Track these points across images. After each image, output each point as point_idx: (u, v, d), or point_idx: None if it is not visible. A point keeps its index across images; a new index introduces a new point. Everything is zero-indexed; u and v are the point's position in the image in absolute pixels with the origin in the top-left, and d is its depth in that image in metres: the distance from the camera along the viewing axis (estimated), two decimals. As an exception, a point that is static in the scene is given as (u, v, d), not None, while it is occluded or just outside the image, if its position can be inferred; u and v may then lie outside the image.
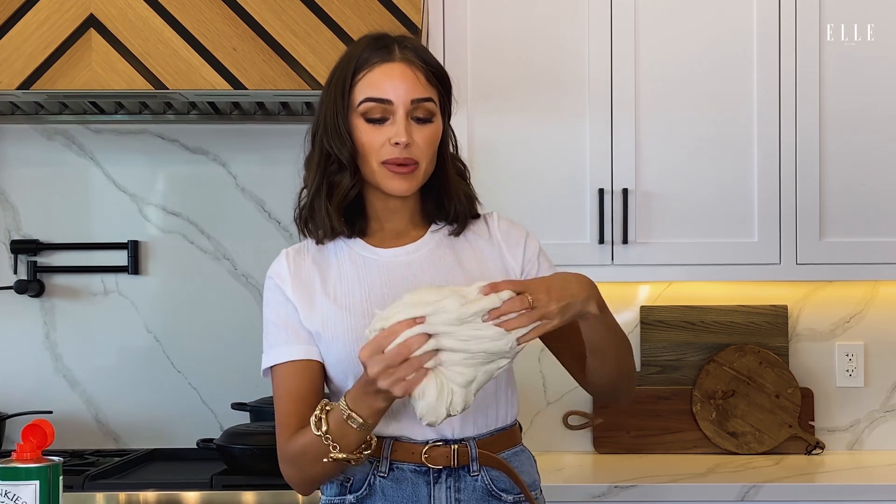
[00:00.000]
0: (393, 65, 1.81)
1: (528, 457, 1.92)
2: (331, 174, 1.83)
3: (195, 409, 3.18)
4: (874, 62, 2.97)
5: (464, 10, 2.97)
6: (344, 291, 1.83)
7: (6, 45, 2.71)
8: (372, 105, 1.79)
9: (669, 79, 2.97)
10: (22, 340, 3.19)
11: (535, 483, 1.92)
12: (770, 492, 2.72)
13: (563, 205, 2.97)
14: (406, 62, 1.81)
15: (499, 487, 1.83)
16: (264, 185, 3.19)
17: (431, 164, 1.84)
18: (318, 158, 1.84)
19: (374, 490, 1.81)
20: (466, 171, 1.93)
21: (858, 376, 3.24)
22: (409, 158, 1.79)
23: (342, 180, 1.82)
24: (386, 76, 1.80)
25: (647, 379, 3.23)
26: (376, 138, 1.79)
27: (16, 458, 1.63)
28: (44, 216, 3.20)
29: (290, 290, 1.84)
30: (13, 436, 3.06)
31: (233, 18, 2.73)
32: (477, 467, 1.81)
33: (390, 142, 1.78)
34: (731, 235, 2.97)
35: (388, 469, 1.80)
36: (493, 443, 1.84)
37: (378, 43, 1.83)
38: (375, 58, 1.81)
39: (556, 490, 2.70)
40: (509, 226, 1.94)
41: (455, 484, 1.81)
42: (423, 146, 1.80)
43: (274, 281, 1.87)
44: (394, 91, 1.79)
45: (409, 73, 1.80)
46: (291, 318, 1.83)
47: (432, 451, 1.80)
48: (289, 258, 1.88)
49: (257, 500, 2.60)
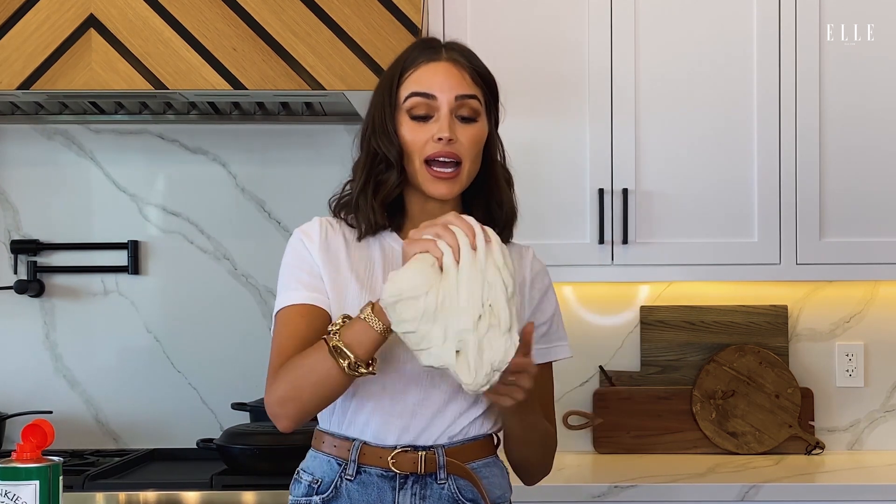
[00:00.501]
0: (439, 63, 1.85)
1: (500, 469, 1.92)
2: (378, 173, 1.85)
3: (195, 409, 3.18)
4: (874, 62, 2.97)
5: (464, 11, 2.97)
6: (367, 271, 1.85)
7: (6, 45, 2.71)
8: (417, 101, 1.82)
9: (669, 79, 2.97)
10: (22, 340, 3.19)
11: (505, 496, 1.91)
12: (770, 492, 2.72)
13: (563, 205, 2.97)
14: (452, 61, 1.86)
15: (465, 497, 1.83)
16: (264, 185, 3.19)
17: (475, 167, 1.86)
18: (366, 158, 1.87)
19: (340, 493, 1.82)
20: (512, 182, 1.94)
21: (858, 376, 3.24)
22: (452, 153, 1.80)
23: (389, 178, 1.84)
24: (431, 73, 1.84)
25: (647, 379, 3.23)
26: (420, 135, 1.82)
27: (16, 458, 1.63)
28: (44, 216, 3.20)
29: (317, 251, 1.85)
30: (13, 436, 3.06)
31: (233, 18, 2.73)
32: (444, 475, 1.82)
33: (433, 138, 1.80)
34: (731, 235, 2.97)
35: (354, 472, 1.81)
36: (464, 452, 1.84)
37: (426, 44, 1.89)
38: (422, 57, 1.85)
39: (556, 490, 2.70)
40: (541, 268, 1.97)
41: (421, 491, 1.81)
42: (466, 145, 1.82)
43: (301, 237, 1.88)
44: (438, 86, 1.82)
45: (454, 70, 1.84)
46: (313, 268, 1.84)
47: (399, 457, 1.81)
48: (322, 225, 1.89)
49: (257, 500, 2.60)
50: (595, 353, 3.25)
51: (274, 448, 2.66)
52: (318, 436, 1.89)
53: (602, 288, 3.24)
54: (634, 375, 3.23)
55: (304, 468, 1.89)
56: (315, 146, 3.17)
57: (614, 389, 3.21)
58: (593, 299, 3.26)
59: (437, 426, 1.82)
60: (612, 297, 3.27)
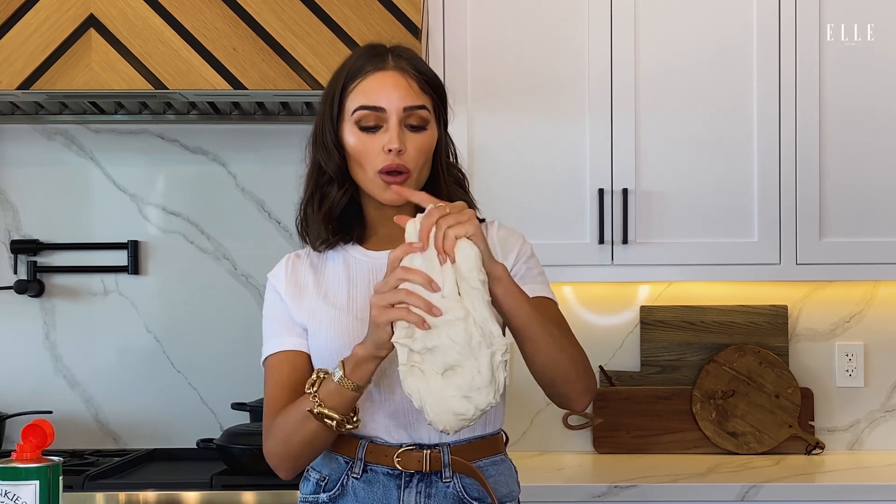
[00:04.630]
0: (386, 73, 1.83)
1: (508, 467, 1.92)
2: (322, 185, 1.87)
3: (195, 409, 3.18)
4: (874, 62, 2.97)
5: (464, 11, 2.97)
6: (333, 290, 1.88)
7: (6, 45, 2.71)
8: (365, 113, 1.82)
9: (669, 79, 2.97)
10: (22, 340, 3.19)
11: (512, 494, 1.91)
12: (770, 492, 2.72)
13: (563, 205, 2.97)
14: (399, 70, 1.84)
15: (471, 495, 1.83)
16: (264, 185, 3.19)
17: (424, 174, 1.86)
18: (311, 169, 1.90)
19: (347, 491, 1.83)
20: (465, 180, 1.95)
21: (858, 376, 3.24)
22: (402, 165, 1.81)
23: (331, 192, 1.86)
24: (379, 84, 1.82)
25: (647, 379, 3.23)
26: (371, 146, 1.82)
27: (16, 458, 1.63)
28: (44, 216, 3.20)
29: (284, 290, 1.90)
30: (13, 436, 3.06)
31: (233, 18, 2.73)
32: (449, 473, 1.82)
33: (384, 149, 1.80)
34: (731, 235, 2.97)
35: (361, 470, 1.83)
36: (470, 450, 1.85)
37: (371, 52, 1.86)
38: (369, 66, 1.84)
39: (556, 490, 2.71)
40: (508, 233, 1.94)
41: (426, 489, 1.82)
42: (414, 155, 1.82)
43: (271, 282, 1.94)
44: (386, 99, 1.81)
45: (401, 80, 1.83)
46: (284, 313, 1.89)
47: (405, 455, 1.82)
48: (287, 263, 1.94)
49: (257, 500, 2.60)
50: (595, 353, 3.24)
51: (274, 448, 2.66)
52: None
53: (602, 288, 3.24)
54: (634, 375, 3.23)
55: (313, 466, 1.90)
56: (315, 146, 3.17)
57: (614, 389, 3.21)
58: (593, 299, 3.26)
59: None
60: (611, 297, 3.27)
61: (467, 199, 1.91)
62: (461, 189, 1.92)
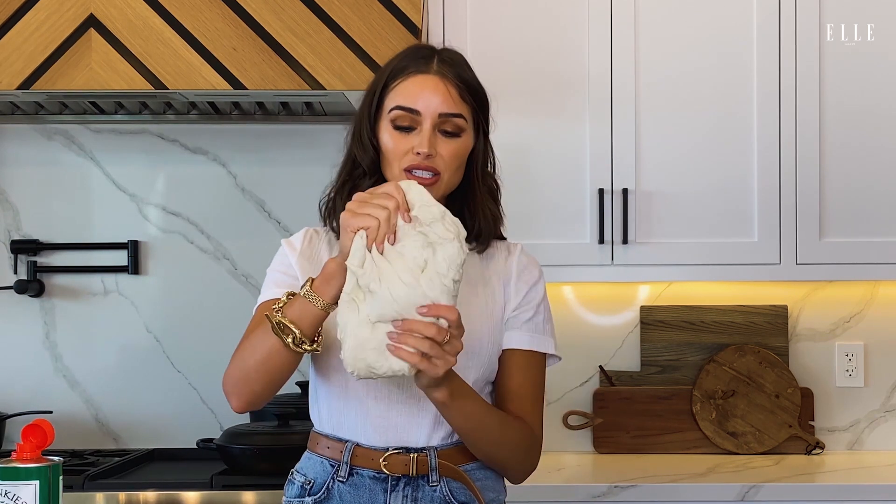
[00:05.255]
0: (427, 76, 1.83)
1: (494, 472, 1.90)
2: (355, 178, 1.87)
3: (195, 409, 3.18)
4: (874, 62, 2.97)
5: (464, 11, 2.97)
6: None
7: (6, 45, 2.71)
8: (401, 113, 1.82)
9: (669, 79, 2.97)
10: (22, 340, 3.19)
11: (499, 498, 1.91)
12: (770, 492, 2.72)
13: (563, 205, 2.97)
14: (440, 76, 1.83)
15: (458, 499, 1.83)
16: (264, 185, 3.19)
17: (455, 178, 1.86)
18: (346, 161, 1.90)
19: (332, 494, 1.82)
20: (498, 191, 1.94)
21: (858, 376, 3.24)
22: (430, 167, 1.80)
23: (362, 184, 1.85)
24: (418, 86, 1.82)
25: (647, 379, 3.23)
26: (401, 145, 1.82)
27: (16, 458, 1.63)
28: (44, 216, 3.20)
29: (296, 259, 1.88)
30: (13, 436, 3.06)
31: (233, 18, 2.73)
32: (436, 477, 1.82)
33: (413, 150, 1.80)
34: (731, 235, 2.97)
35: (347, 474, 1.82)
36: (457, 454, 1.84)
37: (418, 53, 1.86)
38: (412, 67, 1.84)
39: (556, 490, 2.71)
40: (529, 262, 1.94)
41: (413, 493, 1.81)
42: (447, 158, 1.82)
43: (284, 247, 1.92)
44: (424, 102, 1.81)
45: (441, 86, 1.82)
46: (289, 270, 1.87)
47: (391, 459, 1.81)
48: (307, 235, 1.93)
49: (257, 500, 2.60)
50: (595, 353, 3.25)
51: (274, 448, 2.66)
52: (313, 437, 1.90)
53: (602, 288, 3.24)
54: (634, 375, 3.23)
55: (297, 469, 1.89)
56: (315, 146, 3.17)
57: (614, 389, 3.21)
58: (593, 299, 3.26)
59: (423, 427, 1.82)
60: (611, 297, 3.27)
61: (496, 212, 1.92)
62: (493, 200, 1.92)
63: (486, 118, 1.91)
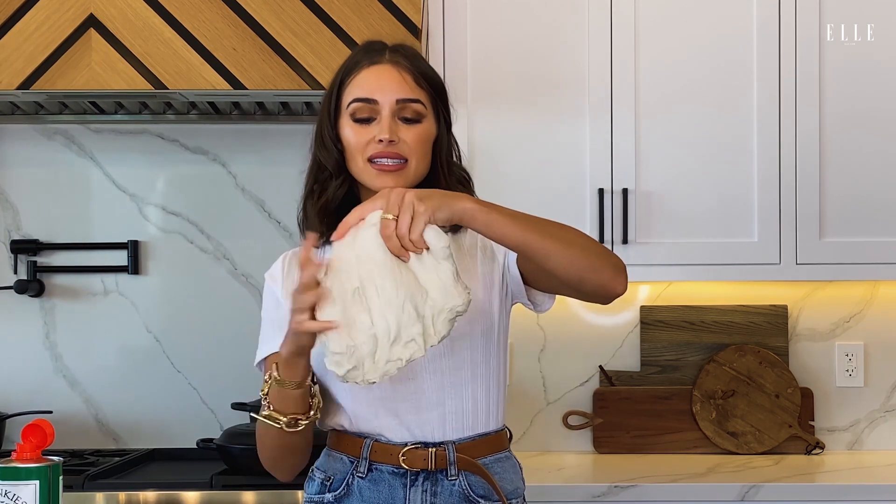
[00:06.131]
0: (381, 66, 1.84)
1: (512, 464, 1.91)
2: (322, 181, 1.87)
3: (195, 409, 3.18)
4: (874, 62, 2.97)
5: (464, 11, 2.97)
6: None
7: (6, 45, 2.71)
8: (359, 105, 1.83)
9: (669, 79, 2.97)
10: (22, 340, 3.19)
11: (518, 491, 1.91)
12: (770, 492, 2.72)
13: (563, 205, 2.97)
14: (393, 63, 1.85)
15: (477, 493, 1.83)
16: (264, 185, 3.19)
17: (423, 165, 1.85)
18: (311, 166, 1.90)
19: (352, 490, 1.83)
20: (471, 182, 1.94)
21: (858, 376, 3.24)
22: (395, 153, 1.80)
23: (329, 186, 1.86)
24: (373, 76, 1.83)
25: (647, 379, 3.23)
26: (363, 137, 1.82)
27: (16, 458, 1.63)
28: (44, 216, 3.20)
29: (280, 290, 1.88)
30: (13, 436, 3.06)
31: (233, 18, 2.73)
32: (455, 471, 1.82)
33: (374, 139, 1.80)
34: (731, 235, 2.97)
35: (366, 470, 1.83)
36: (474, 447, 1.84)
37: (371, 47, 1.88)
38: (364, 60, 1.86)
39: (556, 490, 2.70)
40: None
41: (432, 487, 1.82)
42: (412, 144, 1.82)
43: (268, 282, 1.93)
44: (379, 91, 1.82)
45: (395, 73, 1.83)
46: (279, 314, 1.85)
47: (410, 454, 1.81)
48: (284, 261, 1.93)
49: (257, 500, 2.60)
50: (595, 352, 3.25)
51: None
52: (331, 434, 1.90)
53: (602, 288, 3.24)
54: (634, 375, 3.23)
55: (317, 466, 1.90)
56: (315, 146, 3.17)
57: (614, 389, 3.21)
58: (593, 299, 3.26)
59: (441, 422, 1.82)
60: (612, 297, 3.27)
61: None
62: (466, 190, 1.91)
63: (447, 107, 1.90)
